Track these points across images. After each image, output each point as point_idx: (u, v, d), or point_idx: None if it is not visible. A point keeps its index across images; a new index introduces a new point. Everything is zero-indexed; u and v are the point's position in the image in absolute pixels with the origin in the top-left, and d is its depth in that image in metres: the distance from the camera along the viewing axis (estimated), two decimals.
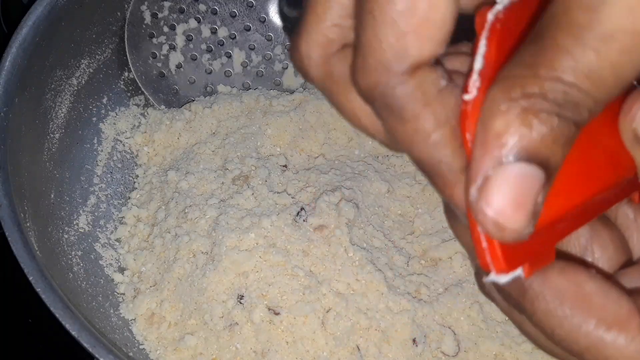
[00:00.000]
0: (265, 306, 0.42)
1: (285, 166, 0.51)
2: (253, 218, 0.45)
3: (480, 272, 0.27)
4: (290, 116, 0.52)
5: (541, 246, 0.25)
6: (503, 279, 0.23)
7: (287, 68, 0.56)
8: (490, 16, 0.23)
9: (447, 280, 0.46)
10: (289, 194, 0.48)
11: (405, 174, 0.52)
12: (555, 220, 0.24)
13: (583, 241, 0.26)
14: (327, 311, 0.42)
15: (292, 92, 0.55)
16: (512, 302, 0.25)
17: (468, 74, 0.23)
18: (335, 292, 0.43)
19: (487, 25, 0.23)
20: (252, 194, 0.48)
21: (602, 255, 0.26)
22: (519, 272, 0.24)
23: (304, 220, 0.46)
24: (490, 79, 0.22)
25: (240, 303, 0.43)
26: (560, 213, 0.24)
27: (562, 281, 0.24)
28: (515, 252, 0.24)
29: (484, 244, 0.23)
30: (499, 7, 0.23)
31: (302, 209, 0.46)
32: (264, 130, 0.52)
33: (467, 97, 0.22)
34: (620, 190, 0.26)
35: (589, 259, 0.26)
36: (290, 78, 0.57)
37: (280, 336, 0.42)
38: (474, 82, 0.22)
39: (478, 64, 0.23)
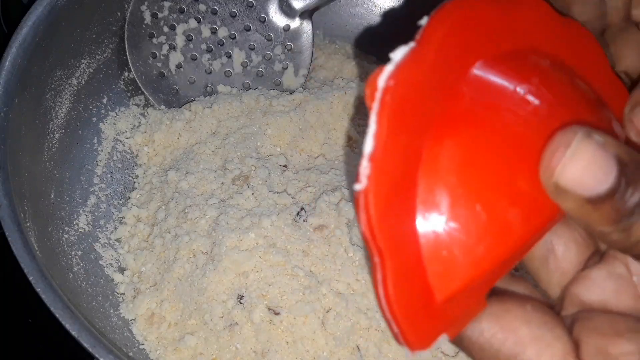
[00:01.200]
0: (265, 306, 0.42)
1: (285, 166, 0.51)
2: (253, 218, 0.45)
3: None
4: (290, 116, 0.52)
5: (468, 303, 0.24)
6: (424, 352, 0.23)
7: (287, 68, 0.56)
8: (380, 83, 0.21)
9: None
10: (289, 194, 0.48)
11: None
12: (476, 279, 0.23)
13: (543, 243, 0.26)
14: (327, 311, 0.42)
15: (292, 92, 0.55)
16: (464, 352, 0.26)
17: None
18: (335, 292, 0.43)
19: (378, 96, 0.21)
20: (252, 194, 0.48)
21: (565, 255, 0.26)
22: (442, 338, 0.23)
23: (304, 220, 0.46)
24: (382, 160, 0.21)
25: (240, 303, 0.43)
26: (482, 273, 0.23)
27: (495, 330, 0.24)
28: (432, 326, 0.23)
29: (395, 329, 0.22)
30: (389, 68, 0.21)
31: (302, 209, 0.46)
32: (264, 130, 0.52)
33: (358, 187, 0.21)
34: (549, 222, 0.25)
35: (552, 260, 0.26)
36: (290, 78, 0.57)
37: (280, 336, 0.42)
38: (364, 169, 0.21)
39: (368, 147, 0.21)
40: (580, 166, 0.22)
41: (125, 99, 0.55)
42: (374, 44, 0.64)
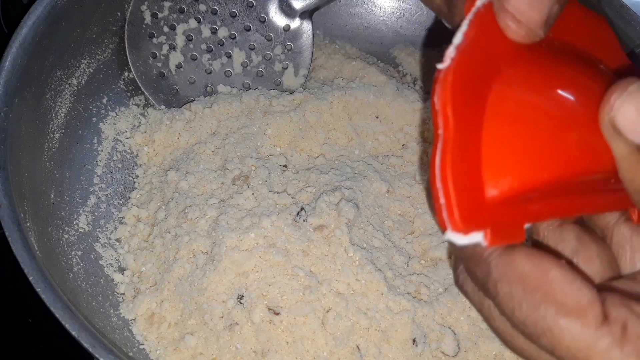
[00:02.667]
0: (265, 306, 0.42)
1: (285, 166, 0.51)
2: (253, 218, 0.45)
3: (456, 261, 0.27)
4: (290, 116, 0.52)
5: (509, 219, 0.25)
6: (460, 239, 0.24)
7: (287, 68, 0.56)
8: (478, 3, 0.25)
9: (447, 280, 0.46)
10: (289, 194, 0.48)
11: (405, 174, 0.52)
12: (525, 191, 0.25)
13: (568, 252, 0.27)
14: (327, 311, 0.42)
15: (292, 92, 0.55)
16: (478, 282, 0.25)
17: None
18: (335, 292, 0.43)
19: (474, 10, 0.25)
20: (252, 194, 0.48)
21: (586, 268, 0.26)
22: (479, 238, 0.24)
23: (304, 220, 0.46)
24: (466, 52, 0.24)
25: (240, 303, 0.43)
26: (529, 184, 0.25)
27: (527, 264, 0.24)
28: (476, 214, 0.24)
29: (442, 200, 0.24)
30: None
31: (302, 209, 0.46)
32: (264, 130, 0.52)
33: (440, 66, 0.24)
34: (605, 196, 0.26)
35: None
36: (290, 78, 0.57)
37: (280, 336, 0.42)
38: (450, 53, 0.24)
39: (457, 39, 0.25)
40: (636, 108, 0.23)
41: (125, 99, 0.55)
42: (374, 44, 0.64)
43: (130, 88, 0.55)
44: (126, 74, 0.55)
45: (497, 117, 0.25)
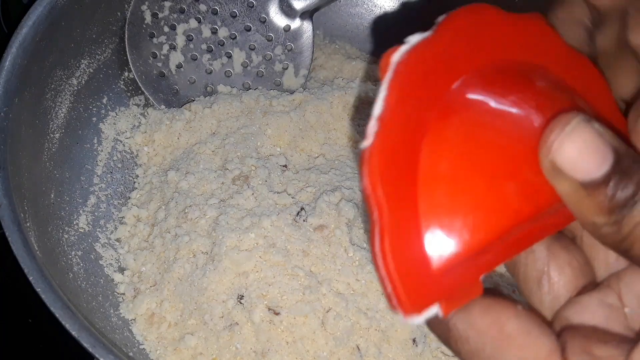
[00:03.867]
0: (265, 306, 0.42)
1: (285, 166, 0.51)
2: (253, 218, 0.45)
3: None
4: (290, 116, 0.52)
5: (462, 280, 0.24)
6: (416, 319, 0.23)
7: (287, 68, 0.56)
8: (394, 58, 0.23)
9: None
10: (289, 194, 0.48)
11: None
12: (473, 250, 0.24)
13: (540, 265, 0.26)
14: (327, 311, 0.42)
15: (292, 92, 0.55)
16: (441, 340, 0.25)
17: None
18: (335, 292, 0.43)
19: (391, 68, 0.23)
20: (252, 194, 0.48)
21: (559, 279, 0.26)
22: (434, 310, 0.24)
23: (304, 220, 0.46)
24: (389, 122, 0.23)
25: (240, 303, 0.43)
26: (477, 243, 0.24)
27: (484, 321, 0.24)
28: (426, 292, 0.23)
29: (389, 289, 0.23)
30: (405, 48, 0.23)
31: (302, 209, 0.46)
32: (264, 130, 0.52)
33: (364, 144, 0.22)
34: (562, 213, 0.26)
35: (546, 283, 0.26)
36: (290, 78, 0.57)
37: (280, 336, 0.42)
38: (372, 127, 0.23)
39: (377, 109, 0.23)
40: (577, 147, 0.22)
41: (125, 99, 0.55)
42: (374, 44, 0.64)
43: (130, 88, 0.55)
44: (126, 74, 0.55)
45: (430, 180, 0.24)
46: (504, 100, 0.25)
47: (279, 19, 0.56)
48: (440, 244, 0.24)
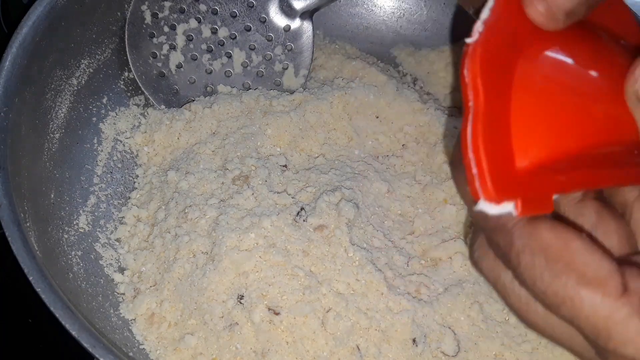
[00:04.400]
0: (265, 306, 0.42)
1: (285, 166, 0.51)
2: (253, 218, 0.45)
3: (473, 236, 0.28)
4: (290, 116, 0.52)
5: (538, 190, 0.26)
6: (492, 209, 0.25)
7: (287, 68, 0.56)
8: None
9: (447, 280, 0.46)
10: (289, 194, 0.48)
11: (405, 174, 0.52)
12: (553, 161, 0.25)
13: (588, 227, 0.27)
14: (327, 311, 0.42)
15: (292, 92, 0.55)
16: (499, 253, 0.26)
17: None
18: (335, 292, 0.43)
19: None
20: (252, 194, 0.48)
21: (604, 242, 0.27)
22: (510, 208, 0.25)
23: (304, 220, 0.46)
24: (494, 27, 0.25)
25: (240, 303, 0.43)
26: (557, 155, 0.26)
27: (549, 235, 0.25)
28: (507, 184, 0.25)
29: (474, 170, 0.24)
30: None
31: (302, 209, 0.46)
32: (264, 130, 0.52)
33: (469, 40, 0.25)
34: (628, 169, 0.27)
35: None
36: (291, 78, 0.57)
37: (280, 336, 0.42)
38: (477, 27, 0.25)
39: (484, 14, 0.26)
40: None
41: (125, 99, 0.55)
42: (374, 44, 0.64)
43: (130, 88, 0.55)
44: (126, 74, 0.55)
45: (524, 90, 0.26)
46: (595, 39, 0.28)
47: (279, 19, 0.56)
48: (526, 146, 0.25)
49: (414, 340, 0.42)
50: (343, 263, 0.44)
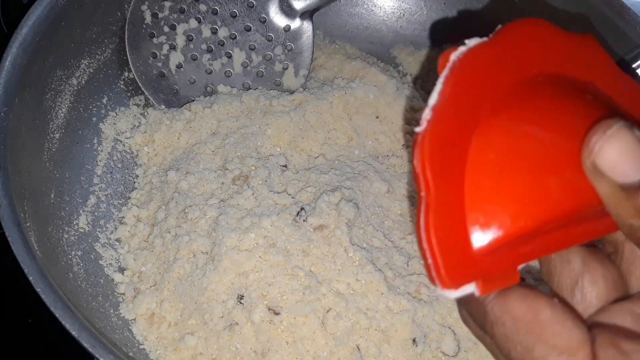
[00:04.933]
0: (265, 306, 0.42)
1: (285, 166, 0.51)
2: (253, 218, 0.45)
3: (460, 301, 0.28)
4: (290, 116, 0.52)
5: (501, 265, 0.26)
6: (452, 294, 0.25)
7: (287, 68, 0.56)
8: (452, 57, 0.26)
9: None
10: (289, 194, 0.48)
11: (405, 174, 0.52)
12: (514, 237, 0.25)
13: (574, 275, 0.27)
14: (327, 311, 0.42)
15: (292, 92, 0.55)
16: (477, 323, 0.27)
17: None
18: (335, 292, 0.43)
19: (448, 65, 0.26)
20: (252, 194, 0.48)
21: (592, 289, 0.27)
22: (471, 288, 0.25)
23: (304, 220, 0.46)
24: (442, 112, 0.25)
25: (240, 303, 0.43)
26: (517, 230, 0.25)
27: (520, 307, 0.25)
28: (464, 270, 0.25)
29: (429, 260, 0.25)
30: (463, 49, 0.26)
31: (302, 209, 0.46)
32: (264, 130, 0.52)
33: (418, 129, 0.25)
34: (601, 221, 0.27)
35: (579, 293, 0.27)
36: (291, 78, 0.57)
37: (280, 336, 0.42)
38: (425, 115, 0.25)
39: (432, 99, 0.25)
40: (617, 150, 0.24)
41: (125, 99, 0.55)
42: (374, 44, 0.64)
43: (130, 88, 0.55)
44: (126, 74, 0.55)
45: (478, 168, 0.26)
46: (553, 103, 0.27)
47: (279, 19, 0.56)
48: (482, 227, 0.25)
49: (414, 340, 0.43)
50: (343, 263, 0.44)
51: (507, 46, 0.27)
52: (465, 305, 0.27)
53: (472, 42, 0.26)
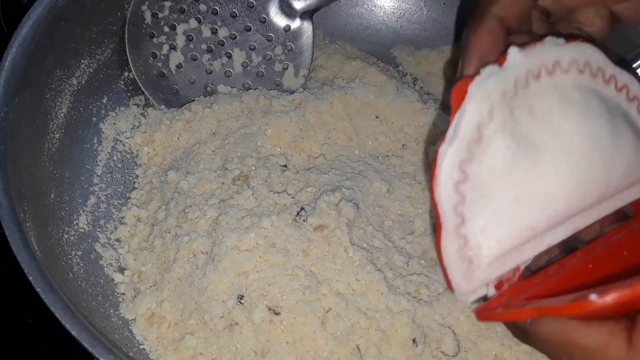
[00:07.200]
0: (265, 306, 0.42)
1: (285, 166, 0.51)
2: (253, 218, 0.45)
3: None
4: (290, 116, 0.52)
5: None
6: (468, 298, 0.32)
7: (287, 68, 0.56)
8: (471, 89, 0.28)
9: None
10: (289, 194, 0.48)
11: (405, 174, 0.52)
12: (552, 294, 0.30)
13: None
14: (327, 311, 0.42)
15: (292, 92, 0.55)
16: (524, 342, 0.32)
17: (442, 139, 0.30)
18: (335, 292, 0.43)
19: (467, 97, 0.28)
20: (252, 194, 0.48)
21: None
22: (483, 292, 0.32)
23: (304, 220, 0.46)
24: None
25: (241, 303, 0.43)
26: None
27: (550, 327, 0.30)
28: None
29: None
30: (479, 80, 0.28)
31: (302, 209, 0.46)
32: (264, 130, 0.52)
33: (436, 147, 0.29)
34: None
35: None
36: (291, 78, 0.57)
37: (280, 336, 0.42)
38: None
39: (451, 132, 0.28)
40: None
41: (125, 99, 0.55)
42: (374, 44, 0.64)
43: (130, 88, 0.55)
44: (126, 74, 0.55)
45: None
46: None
47: (279, 19, 0.56)
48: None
49: (414, 340, 0.42)
50: (343, 263, 0.44)
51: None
52: (510, 327, 0.32)
53: (487, 70, 0.28)
